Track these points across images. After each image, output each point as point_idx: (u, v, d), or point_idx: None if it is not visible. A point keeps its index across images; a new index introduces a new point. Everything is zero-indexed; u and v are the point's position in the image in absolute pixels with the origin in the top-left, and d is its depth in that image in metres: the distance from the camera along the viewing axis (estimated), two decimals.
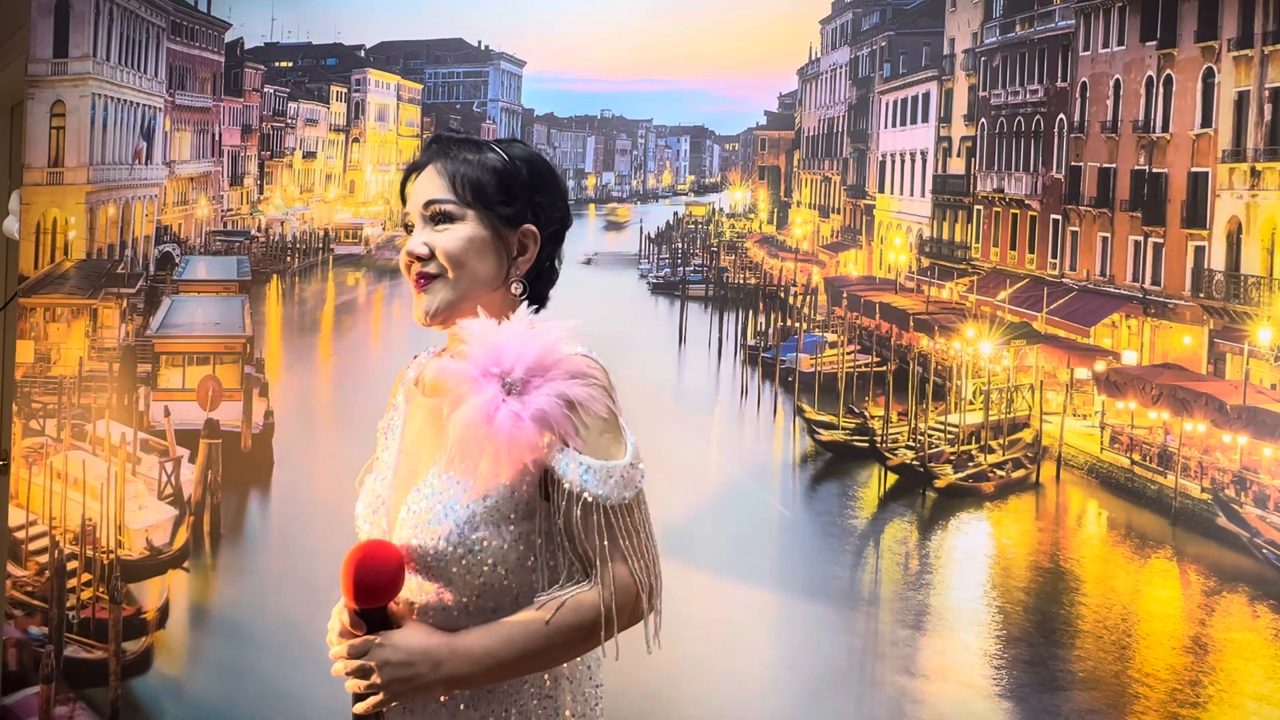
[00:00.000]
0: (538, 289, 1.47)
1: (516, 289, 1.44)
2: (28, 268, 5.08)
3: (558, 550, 1.33)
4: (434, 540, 1.34)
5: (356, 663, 1.32)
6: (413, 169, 1.48)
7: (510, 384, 1.30)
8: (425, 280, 1.41)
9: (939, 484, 5.18)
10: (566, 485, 1.29)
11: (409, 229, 1.45)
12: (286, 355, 6.09)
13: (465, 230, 1.41)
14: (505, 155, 1.45)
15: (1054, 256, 5.73)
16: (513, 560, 1.33)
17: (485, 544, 1.33)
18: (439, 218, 1.42)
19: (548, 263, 1.49)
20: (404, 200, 1.48)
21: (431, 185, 1.43)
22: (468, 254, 1.41)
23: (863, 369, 5.79)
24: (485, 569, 1.33)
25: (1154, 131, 5.21)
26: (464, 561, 1.33)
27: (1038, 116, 5.87)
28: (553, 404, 1.29)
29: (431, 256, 1.41)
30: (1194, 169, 5.01)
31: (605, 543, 1.30)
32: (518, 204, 1.43)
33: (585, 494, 1.29)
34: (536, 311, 1.43)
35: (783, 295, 6.31)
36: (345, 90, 7.42)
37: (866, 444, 5.34)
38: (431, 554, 1.34)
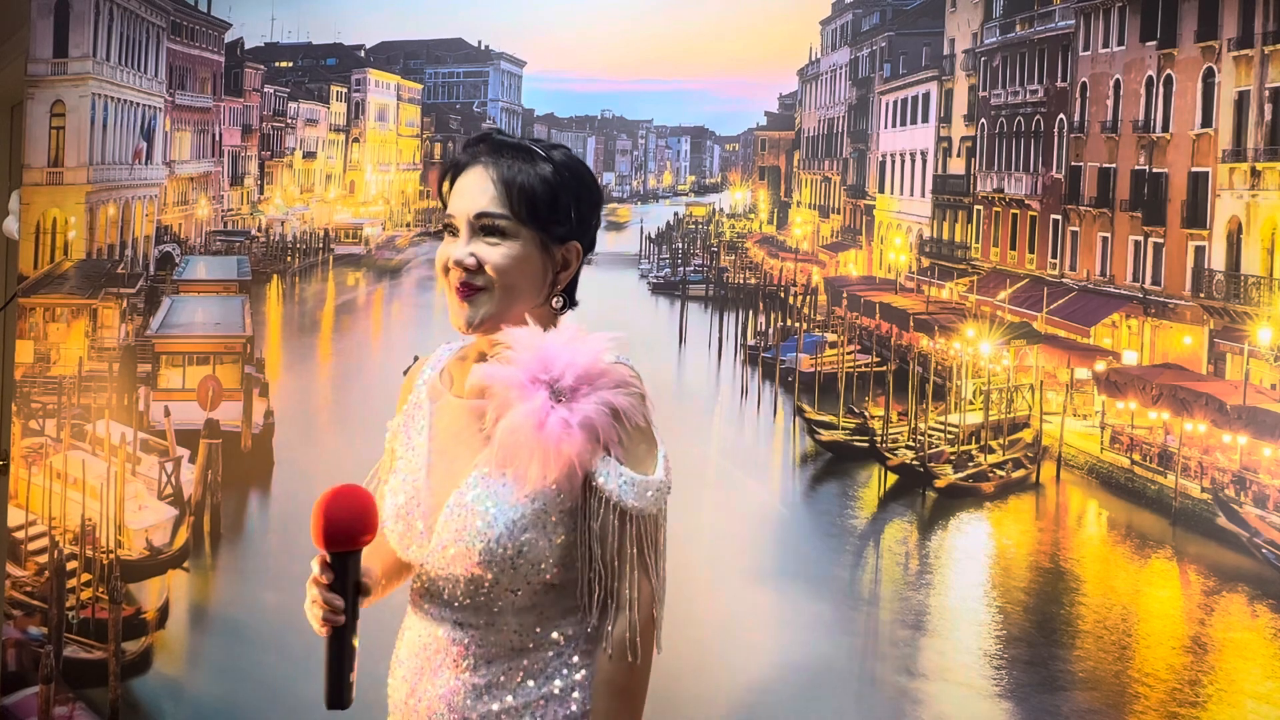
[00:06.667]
0: (570, 293, 1.47)
1: (557, 303, 1.44)
2: (28, 268, 5.08)
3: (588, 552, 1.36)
4: (483, 542, 1.35)
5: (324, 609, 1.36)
6: (455, 167, 1.45)
7: (559, 391, 1.33)
8: (470, 291, 1.40)
9: (939, 484, 5.18)
10: (605, 494, 1.34)
11: (449, 230, 1.42)
12: (286, 355, 6.08)
13: (516, 248, 1.40)
14: (553, 164, 1.42)
15: (1054, 256, 5.73)
16: (559, 559, 1.36)
17: (533, 545, 1.35)
18: (490, 230, 1.40)
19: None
20: (443, 199, 1.46)
21: (483, 194, 1.40)
22: (517, 271, 1.40)
23: (863, 369, 5.79)
24: (532, 569, 1.36)
25: (1154, 131, 5.21)
26: (513, 562, 1.35)
27: (1038, 116, 5.87)
28: (600, 412, 1.33)
29: (479, 269, 1.39)
30: (1194, 169, 5.01)
31: (635, 551, 1.35)
32: (567, 222, 1.42)
33: (622, 503, 1.34)
34: (562, 310, 1.44)
35: (783, 295, 6.31)
36: (345, 90, 7.42)
37: (866, 444, 5.34)
38: (480, 556, 1.35)
